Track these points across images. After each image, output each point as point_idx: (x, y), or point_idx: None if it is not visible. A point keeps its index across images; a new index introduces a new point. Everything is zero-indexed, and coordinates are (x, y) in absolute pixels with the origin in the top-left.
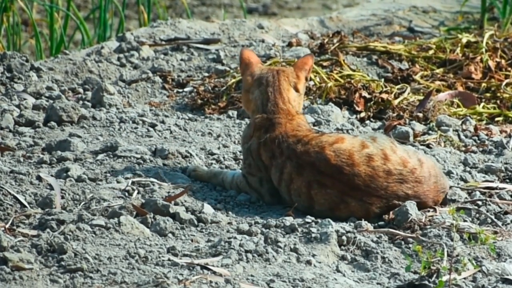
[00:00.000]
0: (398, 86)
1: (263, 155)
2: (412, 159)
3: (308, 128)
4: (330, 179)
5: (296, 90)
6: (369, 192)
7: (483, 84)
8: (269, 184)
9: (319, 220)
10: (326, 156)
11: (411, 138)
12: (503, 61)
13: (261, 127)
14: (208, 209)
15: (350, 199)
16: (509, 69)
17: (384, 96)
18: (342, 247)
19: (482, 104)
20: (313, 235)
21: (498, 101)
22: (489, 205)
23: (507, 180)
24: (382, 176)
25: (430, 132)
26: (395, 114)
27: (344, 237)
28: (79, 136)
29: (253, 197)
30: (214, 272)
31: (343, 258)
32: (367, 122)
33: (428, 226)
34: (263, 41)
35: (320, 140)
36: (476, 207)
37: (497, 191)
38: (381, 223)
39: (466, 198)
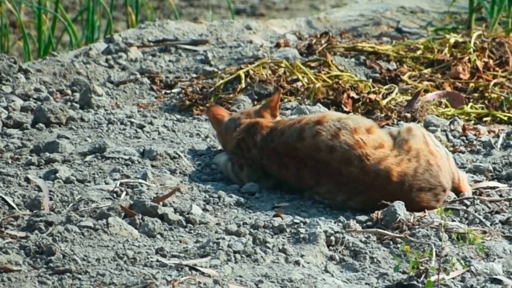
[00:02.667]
0: (386, 87)
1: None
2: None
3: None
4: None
5: None
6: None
7: (471, 84)
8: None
9: (308, 221)
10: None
11: None
12: (491, 61)
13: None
14: (196, 210)
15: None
16: (497, 69)
17: (372, 96)
18: (331, 247)
19: (470, 104)
20: (301, 235)
21: (486, 101)
22: (478, 205)
23: (496, 180)
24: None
25: None
26: (383, 115)
27: (332, 238)
28: (67, 138)
29: (241, 198)
30: (203, 273)
31: (331, 258)
32: None
33: (417, 226)
34: (251, 42)
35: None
36: (464, 207)
37: (487, 190)
38: (369, 223)
39: (454, 198)
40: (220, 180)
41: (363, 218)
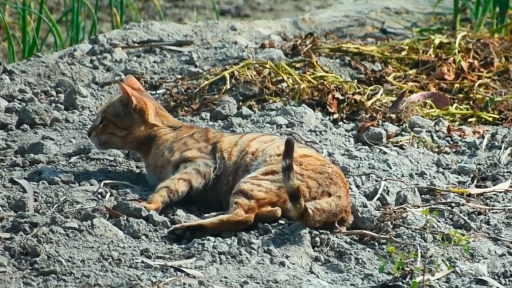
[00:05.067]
0: (371, 87)
1: None
2: None
3: None
4: None
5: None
6: None
7: (456, 85)
8: None
9: (293, 222)
10: None
11: (384, 139)
12: (475, 62)
13: None
14: (181, 211)
15: None
16: (482, 70)
17: (357, 97)
18: (316, 248)
19: (455, 105)
20: (286, 236)
21: (471, 102)
22: (463, 205)
23: (480, 180)
24: None
25: (403, 133)
26: (368, 115)
27: (317, 239)
28: (52, 139)
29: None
30: (188, 274)
31: (316, 259)
32: (340, 123)
33: (402, 227)
34: (235, 42)
35: None
36: (449, 208)
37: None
38: (354, 224)
39: (440, 199)
40: None
41: None
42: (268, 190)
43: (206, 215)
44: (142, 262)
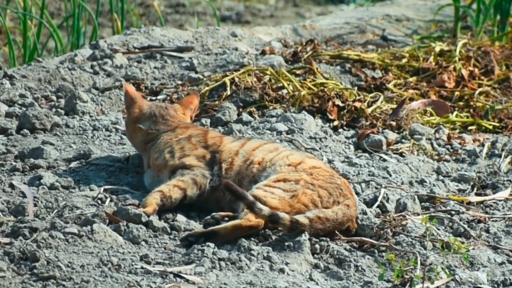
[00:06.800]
0: (371, 95)
1: None
2: None
3: None
4: None
5: None
6: None
7: (456, 93)
8: None
9: None
10: None
11: (384, 147)
12: (476, 70)
13: None
14: (181, 217)
15: None
16: (482, 77)
17: (357, 104)
18: (315, 255)
19: (455, 112)
20: (286, 243)
21: (471, 110)
22: (462, 213)
23: (480, 188)
24: None
25: (403, 140)
26: (368, 123)
27: (317, 245)
28: (52, 144)
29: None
30: (187, 280)
31: (316, 266)
32: (340, 130)
33: (401, 235)
34: (236, 49)
35: None
36: (449, 216)
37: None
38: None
39: (440, 207)
40: None
41: None
42: (281, 199)
43: (214, 214)
44: (142, 268)
